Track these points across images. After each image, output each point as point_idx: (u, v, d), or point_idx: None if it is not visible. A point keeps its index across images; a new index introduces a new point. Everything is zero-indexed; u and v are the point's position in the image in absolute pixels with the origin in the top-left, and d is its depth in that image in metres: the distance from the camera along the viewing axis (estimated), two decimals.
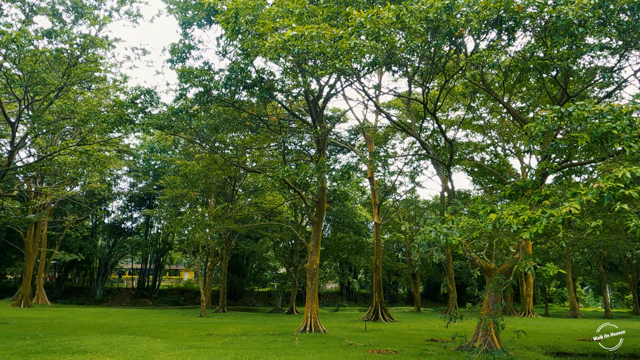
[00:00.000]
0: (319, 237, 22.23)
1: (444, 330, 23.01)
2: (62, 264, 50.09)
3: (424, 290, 68.34)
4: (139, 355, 13.12)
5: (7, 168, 20.71)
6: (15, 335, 17.73)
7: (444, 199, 43.86)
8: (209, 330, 22.00)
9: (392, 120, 17.26)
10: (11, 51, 17.24)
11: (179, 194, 38.37)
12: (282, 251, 47.28)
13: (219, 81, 16.38)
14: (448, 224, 8.52)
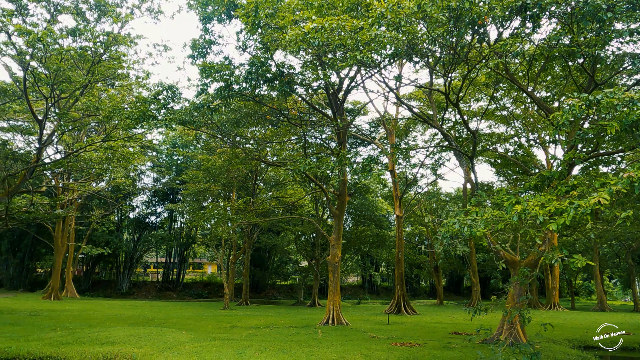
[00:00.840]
0: (340, 230, 22.22)
1: (468, 324, 22.81)
2: (90, 257, 51.31)
3: (446, 283, 67.82)
4: (165, 347, 13.37)
5: (36, 165, 21.26)
6: (47, 326, 18.27)
7: (467, 191, 43.32)
8: (233, 322, 22.28)
9: (413, 111, 17.08)
10: (38, 50, 17.63)
11: (202, 189, 38.83)
12: (304, 244, 47.47)
13: (240, 76, 16.45)
14: (472, 215, 8.40)
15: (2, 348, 13.23)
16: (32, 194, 27.15)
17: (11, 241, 49.18)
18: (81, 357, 12.61)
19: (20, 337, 15.22)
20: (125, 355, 12.50)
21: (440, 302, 46.00)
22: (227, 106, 20.23)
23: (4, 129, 33.28)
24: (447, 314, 30.98)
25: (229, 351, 12.37)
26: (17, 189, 21.58)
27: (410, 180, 38.11)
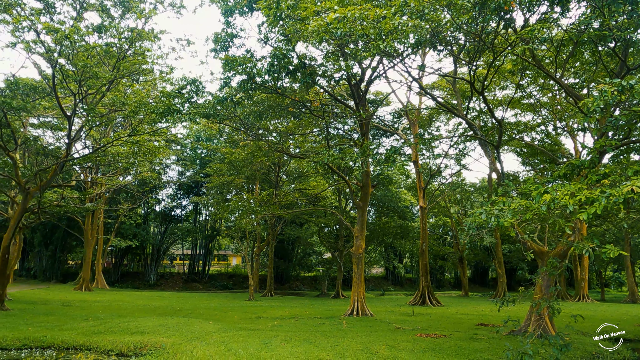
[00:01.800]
0: (364, 221, 22.18)
1: (494, 315, 22.56)
2: (118, 250, 52.55)
3: (471, 274, 67.11)
4: (193, 336, 13.63)
5: (65, 159, 21.80)
6: (79, 316, 18.84)
7: (492, 181, 42.65)
8: (258, 313, 22.55)
9: (437, 101, 16.85)
10: (65, 47, 18.00)
11: (225, 181, 39.25)
12: (327, 236, 47.57)
13: (262, 68, 16.49)
14: (499, 205, 8.26)
15: (37, 337, 13.71)
16: (62, 188, 27.89)
17: (43, 234, 50.77)
18: (113, 346, 12.96)
19: (55, 326, 15.73)
20: (155, 345, 12.79)
21: (466, 294, 45.59)
22: (249, 99, 20.32)
23: (35, 126, 34.20)
24: (472, 305, 30.69)
25: (255, 341, 12.53)
26: (49, 183, 22.18)
27: (434, 170, 37.72)
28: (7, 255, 21.12)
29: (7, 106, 17.68)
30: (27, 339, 13.54)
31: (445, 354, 11.39)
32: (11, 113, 19.51)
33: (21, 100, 19.24)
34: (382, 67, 20.23)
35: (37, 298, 28.55)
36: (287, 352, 10.93)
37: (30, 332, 14.42)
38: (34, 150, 27.02)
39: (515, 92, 22.36)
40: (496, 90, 27.81)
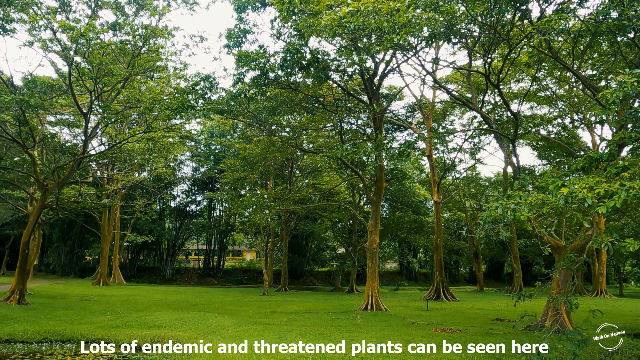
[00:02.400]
0: (378, 216, 22.13)
1: (510, 310, 22.37)
2: (134, 245, 53.23)
3: (486, 269, 66.56)
4: (209, 330, 13.77)
5: (82, 156, 22.11)
6: (97, 311, 19.15)
7: (507, 175, 42.19)
8: (273, 308, 22.68)
9: (451, 94, 16.70)
10: (81, 45, 18.22)
11: (239, 177, 39.44)
12: (341, 231, 47.56)
13: (275, 63, 16.49)
14: (516, 199, 8.16)
15: (57, 330, 13.97)
16: (79, 184, 28.30)
17: (62, 230, 51.64)
18: (130, 339, 13.14)
19: (74, 320, 16.02)
20: (172, 338, 12.94)
21: (481, 289, 45.27)
22: (262, 95, 20.36)
23: (52, 123, 34.72)
24: (487, 300, 30.47)
25: (270, 335, 12.62)
26: (66, 179, 22.53)
27: (448, 165, 37.44)
28: (27, 251, 21.54)
29: (25, 104, 17.96)
30: (48, 332, 13.81)
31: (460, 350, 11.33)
32: (29, 111, 19.82)
33: (39, 98, 19.52)
34: (396, 60, 20.10)
35: (57, 292, 29.07)
36: (302, 347, 10.98)
37: (51, 325, 14.71)
38: (52, 148, 27.43)
39: (531, 84, 22.04)
40: (511, 83, 27.45)
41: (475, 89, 22.28)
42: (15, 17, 17.82)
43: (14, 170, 23.84)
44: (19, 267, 21.39)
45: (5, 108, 19.19)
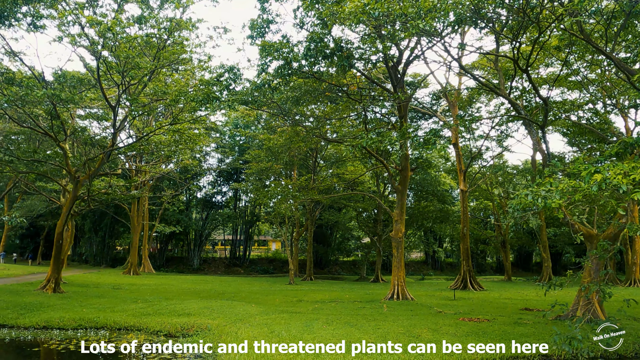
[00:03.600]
0: (403, 205, 21.98)
1: (539, 300, 21.99)
2: (163, 235, 54.37)
3: (514, 259, 65.54)
4: (237, 318, 13.99)
5: (111, 148, 22.60)
6: (128, 299, 19.67)
7: (536, 163, 41.25)
8: (299, 296, 22.86)
9: (478, 80, 16.36)
10: (108, 40, 18.54)
11: (264, 167, 39.71)
12: (366, 221, 47.51)
13: (298, 53, 16.44)
14: (546, 186, 7.97)
15: (91, 318, 14.42)
16: (109, 176, 28.98)
17: (93, 221, 53.11)
18: (161, 327, 13.49)
19: (107, 308, 16.50)
20: (201, 326, 13.22)
21: (509, 278, 44.62)
22: (286, 85, 20.35)
23: (82, 117, 35.55)
24: (516, 289, 30.02)
25: (297, 323, 12.73)
26: (97, 171, 23.09)
27: (474, 153, 36.83)
28: (60, 241, 22.23)
29: (56, 98, 18.42)
30: (82, 319, 14.28)
31: (489, 338, 11.21)
32: (60, 105, 20.32)
33: (69, 92, 19.99)
34: (420, 47, 19.77)
35: (89, 281, 29.98)
36: (329, 335, 11.05)
37: (85, 313, 15.19)
38: (82, 141, 28.12)
39: (562, 69, 21.39)
40: (540, 68, 26.71)
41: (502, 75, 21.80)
42: (44, 14, 18.23)
43: (47, 163, 24.56)
44: (53, 257, 22.12)
45: (38, 103, 19.71)
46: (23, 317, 14.63)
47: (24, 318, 14.47)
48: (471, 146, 39.24)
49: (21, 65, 21.41)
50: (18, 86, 18.96)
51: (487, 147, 40.91)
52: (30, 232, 57.16)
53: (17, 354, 11.15)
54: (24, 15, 17.69)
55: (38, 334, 13.09)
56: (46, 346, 11.61)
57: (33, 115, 21.61)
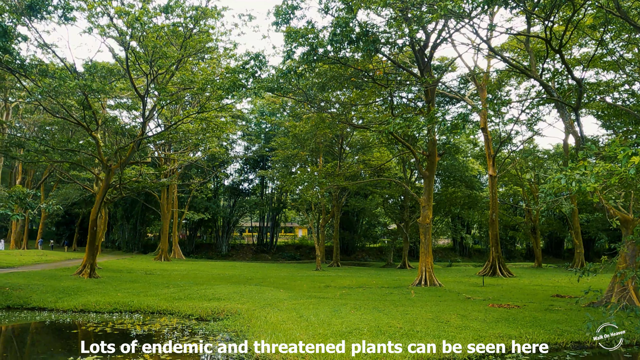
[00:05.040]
0: (430, 191, 21.78)
1: (570, 287, 21.56)
2: (192, 222, 55.46)
3: (544, 245, 64.26)
4: (266, 303, 14.20)
5: (141, 137, 23.06)
6: (160, 284, 20.19)
7: (568, 146, 40.14)
8: (326, 282, 23.02)
9: (508, 62, 15.94)
10: (135, 30, 18.82)
11: (290, 155, 39.87)
12: (392, 207, 47.29)
13: (324, 38, 16.33)
14: (580, 169, 7.75)
15: (126, 302, 14.89)
16: (139, 164, 29.62)
17: (125, 209, 54.53)
18: (193, 311, 13.82)
19: (140, 292, 16.99)
20: (231, 310, 13.48)
21: (539, 265, 43.82)
22: (312, 71, 20.28)
23: (112, 107, 36.34)
24: (546, 276, 29.49)
25: (325, 308, 12.84)
26: (128, 160, 23.63)
27: (503, 137, 36.06)
28: (95, 228, 22.93)
29: (87, 89, 18.85)
30: (117, 303, 14.75)
31: (519, 325, 11.08)
32: (91, 95, 20.79)
33: (99, 82, 20.43)
34: (448, 30, 19.37)
35: (123, 267, 30.87)
36: (357, 319, 11.12)
37: (119, 297, 15.68)
38: (113, 130, 28.76)
39: (596, 49, 20.64)
40: (573, 48, 25.83)
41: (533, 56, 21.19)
42: (74, 5, 18.59)
43: (81, 152, 25.26)
44: (88, 243, 22.85)
45: (70, 93, 20.23)
46: (62, 300, 15.22)
47: (62, 302, 15.05)
48: (500, 130, 38.44)
49: (53, 57, 21.98)
50: (51, 78, 19.47)
51: (517, 131, 40.03)
52: (66, 219, 59.17)
53: (57, 336, 11.62)
54: (55, 8, 18.07)
55: (76, 317, 13.60)
56: (84, 328, 12.06)
57: (66, 106, 22.18)
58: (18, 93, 29.50)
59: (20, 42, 18.12)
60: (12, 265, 26.84)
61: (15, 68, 19.04)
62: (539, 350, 9.36)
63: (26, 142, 23.99)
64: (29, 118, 36.89)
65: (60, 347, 10.15)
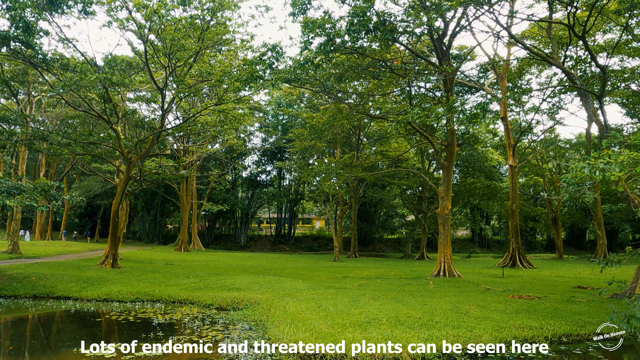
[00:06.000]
0: (449, 181, 21.58)
1: (593, 278, 21.21)
2: (211, 214, 56.05)
3: (566, 236, 63.25)
4: (285, 293, 14.31)
5: (160, 130, 23.31)
6: (181, 274, 20.50)
7: (591, 135, 39.29)
8: (344, 273, 23.08)
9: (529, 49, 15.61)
10: (154, 23, 18.96)
11: (307, 146, 39.89)
12: (410, 198, 47.06)
13: (341, 28, 16.22)
14: (605, 158, 7.59)
15: (147, 291, 15.16)
16: (159, 156, 29.98)
17: (145, 200, 55.38)
18: (212, 300, 14.01)
19: (161, 282, 17.28)
20: (250, 300, 13.63)
21: (560, 256, 43.17)
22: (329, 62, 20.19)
23: (131, 100, 36.78)
24: (568, 268, 29.06)
25: (343, 299, 12.89)
26: (147, 152, 23.93)
27: (524, 127, 35.46)
28: (116, 219, 23.34)
29: (108, 82, 19.09)
30: (139, 292, 15.04)
31: (540, 316, 10.97)
32: (111, 88, 21.06)
33: (119, 75, 20.67)
34: (467, 18, 19.06)
35: (144, 258, 31.41)
36: (375, 310, 11.13)
37: (141, 287, 15.97)
38: (133, 123, 29.12)
39: (621, 35, 20.11)
40: (597, 35, 25.19)
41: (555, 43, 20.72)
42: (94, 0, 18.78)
43: (102, 145, 25.66)
44: (110, 234, 23.29)
45: (91, 87, 20.52)
46: (85, 290, 15.58)
47: (86, 291, 15.41)
48: (521, 120, 37.81)
49: (74, 52, 22.30)
50: (72, 72, 19.77)
51: (538, 120, 39.37)
52: (88, 211, 60.37)
53: (82, 324, 11.91)
54: (75, 2, 18.29)
55: (99, 306, 13.91)
56: (107, 317, 12.33)
57: (87, 99, 22.52)
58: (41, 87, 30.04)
59: (42, 37, 18.40)
60: (37, 256, 27.53)
61: (38, 62, 19.38)
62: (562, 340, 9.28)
63: (49, 135, 24.44)
64: (52, 112, 37.61)
65: (85, 335, 10.40)
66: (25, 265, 19.68)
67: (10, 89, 23.76)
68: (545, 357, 8.56)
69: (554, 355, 8.72)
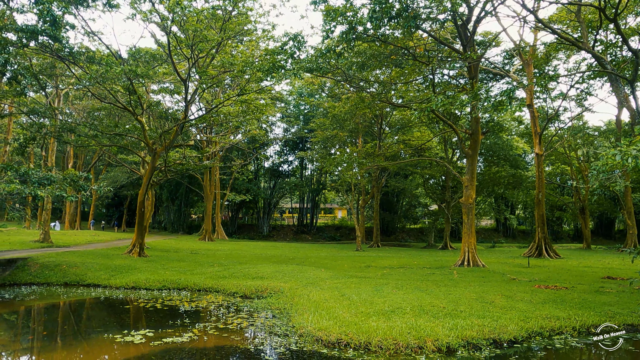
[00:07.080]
0: (473, 170, 21.27)
1: (622, 268, 20.69)
2: (234, 204, 56.64)
3: (594, 226, 61.84)
4: (308, 282, 14.40)
5: (184, 121, 23.57)
6: (206, 263, 20.81)
7: (621, 122, 38.12)
8: (367, 262, 23.09)
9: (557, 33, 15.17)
10: (176, 15, 19.09)
11: (329, 136, 39.81)
12: (433, 187, 46.63)
13: (363, 16, 16.06)
14: (637, 145, 7.37)
15: (173, 280, 15.47)
16: (183, 147, 30.36)
17: (170, 191, 56.31)
18: (237, 289, 14.21)
19: (187, 271, 17.59)
20: (274, 289, 13.77)
21: (588, 246, 42.27)
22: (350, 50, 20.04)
23: (155, 92, 37.24)
24: (596, 258, 28.43)
25: (367, 288, 12.90)
26: (172, 143, 24.26)
27: (551, 114, 34.61)
28: (143, 209, 23.78)
29: (132, 74, 19.36)
30: (166, 281, 15.35)
31: (567, 306, 10.78)
32: (136, 80, 21.35)
33: (143, 67, 20.93)
34: (492, 2, 18.61)
35: (169, 247, 32.00)
36: (399, 299, 11.11)
37: (168, 275, 16.30)
38: (157, 114, 29.51)
39: None
40: (628, 17, 24.30)
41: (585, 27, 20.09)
42: None
43: (127, 136, 26.11)
44: (137, 224, 23.76)
45: (116, 79, 20.84)
46: (114, 278, 15.98)
47: (115, 279, 15.81)
48: (547, 107, 36.92)
49: (99, 45, 22.65)
50: (98, 64, 20.10)
51: (565, 107, 38.30)
52: (115, 201, 61.73)
53: (111, 311, 12.23)
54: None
55: (128, 294, 14.26)
56: (135, 304, 12.63)
57: (113, 92, 22.89)
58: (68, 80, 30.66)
59: (68, 31, 18.73)
60: (67, 245, 28.32)
61: (65, 56, 19.76)
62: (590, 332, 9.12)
63: (77, 127, 24.96)
64: (79, 104, 38.38)
65: (115, 321, 10.68)
66: (56, 253, 20.27)
67: (39, 82, 24.30)
68: (573, 348, 8.43)
69: (581, 345, 8.57)
